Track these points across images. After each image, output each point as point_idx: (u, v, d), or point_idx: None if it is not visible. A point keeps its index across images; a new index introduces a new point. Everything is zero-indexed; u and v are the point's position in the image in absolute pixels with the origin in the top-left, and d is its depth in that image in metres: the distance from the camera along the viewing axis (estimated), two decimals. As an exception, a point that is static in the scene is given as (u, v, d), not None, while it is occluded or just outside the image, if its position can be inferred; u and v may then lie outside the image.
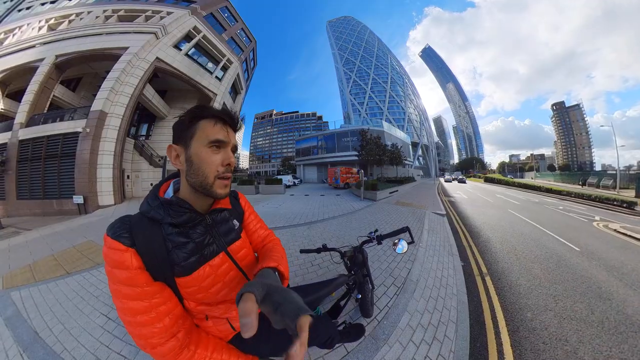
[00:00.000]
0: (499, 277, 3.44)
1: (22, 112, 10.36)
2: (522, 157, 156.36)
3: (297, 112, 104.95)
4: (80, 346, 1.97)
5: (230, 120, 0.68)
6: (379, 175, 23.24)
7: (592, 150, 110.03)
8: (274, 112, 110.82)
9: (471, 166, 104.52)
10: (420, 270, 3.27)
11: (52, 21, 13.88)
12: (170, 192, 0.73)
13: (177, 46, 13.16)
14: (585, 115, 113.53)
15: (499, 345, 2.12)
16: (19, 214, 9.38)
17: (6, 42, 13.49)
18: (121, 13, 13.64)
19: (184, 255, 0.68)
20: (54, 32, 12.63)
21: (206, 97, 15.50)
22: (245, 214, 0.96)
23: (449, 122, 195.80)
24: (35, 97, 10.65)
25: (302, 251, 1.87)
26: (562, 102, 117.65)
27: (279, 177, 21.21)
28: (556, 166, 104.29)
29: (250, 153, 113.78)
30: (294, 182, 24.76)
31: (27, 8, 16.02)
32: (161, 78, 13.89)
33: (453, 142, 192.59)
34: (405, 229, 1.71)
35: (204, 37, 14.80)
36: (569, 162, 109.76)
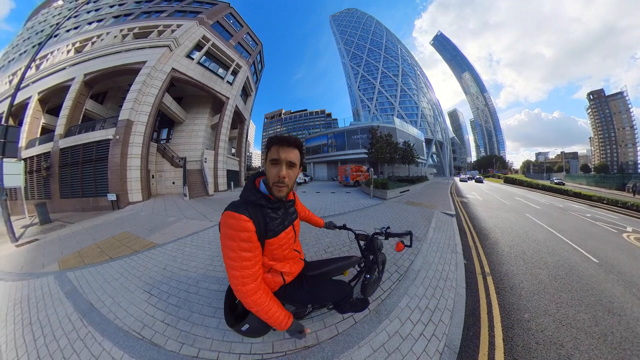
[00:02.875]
0: (502, 278, 3.40)
1: (60, 124, 11.63)
2: (552, 156, 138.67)
3: (306, 110, 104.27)
4: (129, 315, 2.32)
5: (284, 143, 1.06)
6: (389, 174, 22.65)
7: (638, 148, 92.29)
8: (283, 111, 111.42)
9: (490, 165, 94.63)
10: (423, 263, 3.42)
11: (77, 44, 15.28)
12: (263, 187, 1.15)
13: (189, 56, 13.98)
14: (629, 106, 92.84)
15: (492, 337, 2.18)
16: (62, 210, 10.59)
17: (42, 67, 15.09)
18: (136, 31, 14.70)
19: (276, 224, 1.15)
20: (80, 54, 13.85)
21: (219, 102, 16.24)
22: (297, 202, 1.57)
23: (466, 115, 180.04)
24: (70, 112, 11.89)
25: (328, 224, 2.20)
26: (601, 90, 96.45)
27: (290, 174, 21.69)
28: (591, 167, 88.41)
29: (261, 152, 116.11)
30: (305, 179, 25.20)
31: (55, 36, 17.76)
32: (177, 86, 14.81)
33: (470, 137, 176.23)
34: (409, 233, 1.87)
35: (213, 44, 15.55)
36: (607, 162, 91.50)
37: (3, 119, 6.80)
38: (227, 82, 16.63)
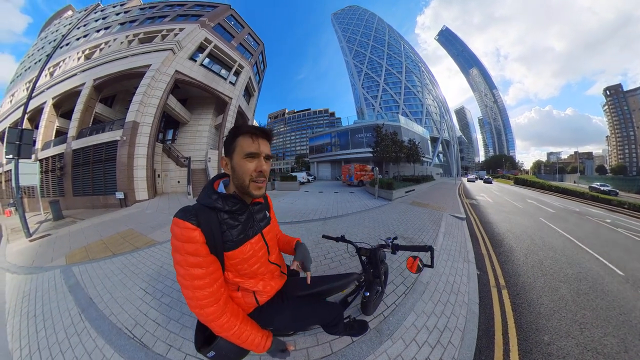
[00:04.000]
0: (518, 292, 3.13)
1: (72, 127, 12.27)
2: (564, 156, 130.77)
3: (309, 109, 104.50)
4: (124, 312, 2.37)
5: (261, 134, 0.88)
6: (395, 173, 22.29)
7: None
8: (287, 110, 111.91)
9: (500, 165, 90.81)
10: (432, 274, 3.15)
11: (87, 52, 16.07)
12: (222, 188, 0.97)
13: (192, 58, 14.34)
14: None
15: (506, 363, 1.91)
16: (74, 207, 11.19)
17: (55, 74, 15.92)
18: (141, 36, 15.25)
19: (235, 233, 0.91)
20: (90, 60, 14.49)
21: (222, 102, 16.53)
22: (270, 208, 1.25)
23: (474, 113, 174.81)
24: (81, 115, 12.52)
25: (324, 236, 2.04)
26: (619, 85, 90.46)
27: (293, 174, 21.93)
28: (608, 168, 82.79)
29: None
30: (308, 179, 25.18)
31: (67, 44, 18.61)
32: (181, 88, 15.17)
33: (479, 136, 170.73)
34: (428, 249, 1.50)
35: (215, 46, 15.88)
36: (626, 163, 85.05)
37: (20, 124, 7.27)
38: (230, 82, 16.88)
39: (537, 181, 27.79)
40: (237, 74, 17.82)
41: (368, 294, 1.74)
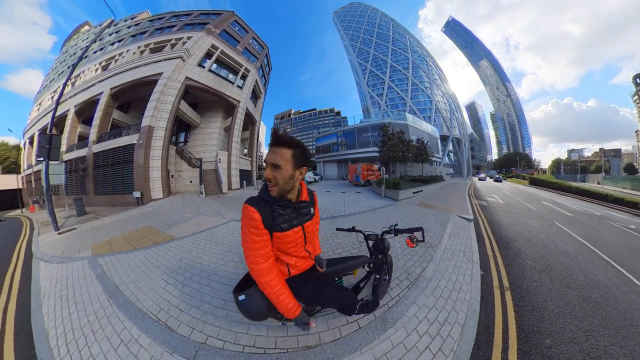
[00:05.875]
0: (522, 294, 3.08)
1: (93, 132, 13.19)
2: (587, 153, 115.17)
3: (315, 109, 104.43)
4: (148, 299, 2.56)
5: (271, 142, 1.15)
6: (402, 173, 21.69)
7: (703, 143, 71.98)
8: (292, 111, 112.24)
9: (514, 164, 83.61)
10: (435, 271, 3.22)
11: (103, 63, 17.15)
12: None
13: (200, 64, 14.97)
14: (688, 90, 72.39)
15: (504, 360, 1.95)
16: (95, 204, 12.06)
17: (76, 84, 17.11)
18: (152, 46, 16.11)
19: (282, 221, 1.23)
20: (106, 71, 15.51)
21: (231, 105, 17.07)
22: (316, 206, 1.56)
23: (485, 108, 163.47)
24: (100, 121, 13.42)
25: (337, 229, 2.29)
26: None
27: (300, 173, 22.08)
28: (638, 167, 71.16)
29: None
30: (315, 178, 25.48)
31: (85, 57, 19.91)
32: (192, 93, 15.82)
33: (491, 132, 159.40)
34: (420, 229, 1.90)
35: (222, 52, 16.46)
36: None
37: (49, 130, 7.99)
38: (237, 86, 17.35)
39: (555, 182, 25.76)
40: (243, 77, 18.29)
41: (378, 277, 1.93)
